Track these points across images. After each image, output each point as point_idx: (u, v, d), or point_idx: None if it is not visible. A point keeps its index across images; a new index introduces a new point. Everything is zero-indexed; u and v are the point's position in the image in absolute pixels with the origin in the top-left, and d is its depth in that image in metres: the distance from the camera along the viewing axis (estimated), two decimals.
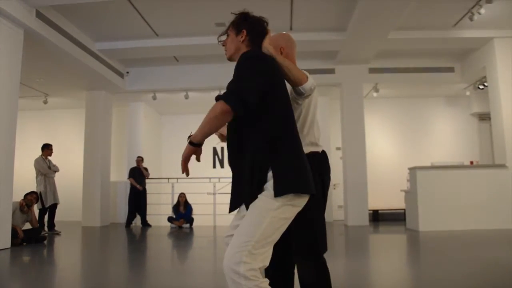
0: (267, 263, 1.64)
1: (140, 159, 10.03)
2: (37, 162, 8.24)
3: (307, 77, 1.96)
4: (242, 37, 1.90)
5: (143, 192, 9.88)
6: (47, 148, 8.49)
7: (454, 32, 8.03)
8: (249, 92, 1.66)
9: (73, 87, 9.90)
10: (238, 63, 1.78)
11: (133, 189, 9.78)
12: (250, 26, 1.90)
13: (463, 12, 7.23)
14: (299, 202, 1.72)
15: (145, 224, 9.77)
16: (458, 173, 7.82)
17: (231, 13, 1.96)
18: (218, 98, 1.67)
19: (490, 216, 7.40)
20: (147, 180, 10.06)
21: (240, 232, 1.66)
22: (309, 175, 1.75)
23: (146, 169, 10.07)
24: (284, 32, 2.29)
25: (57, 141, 11.83)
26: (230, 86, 1.72)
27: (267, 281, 1.61)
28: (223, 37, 1.99)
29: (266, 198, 1.66)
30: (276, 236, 1.68)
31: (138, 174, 9.88)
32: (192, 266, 5.07)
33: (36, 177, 8.20)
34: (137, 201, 9.76)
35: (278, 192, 1.65)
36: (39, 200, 7.70)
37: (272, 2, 6.82)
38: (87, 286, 3.80)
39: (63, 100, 11.18)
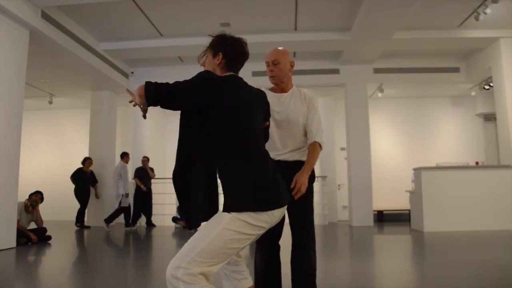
0: (214, 270, 1.64)
1: (146, 159, 10.04)
2: (123, 168, 9.04)
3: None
4: (218, 60, 1.89)
5: (149, 193, 9.89)
6: (126, 156, 9.35)
7: (459, 32, 7.99)
8: (172, 89, 1.66)
9: (78, 87, 9.95)
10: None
11: (138, 189, 9.79)
12: (226, 49, 1.87)
13: (469, 12, 7.19)
14: (254, 220, 1.68)
15: (150, 224, 9.79)
16: (463, 173, 7.76)
17: (208, 35, 1.96)
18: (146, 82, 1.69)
19: (495, 217, 7.34)
20: (151, 180, 10.07)
21: (187, 243, 1.68)
22: (256, 192, 1.72)
23: (152, 169, 10.08)
24: (281, 48, 2.44)
25: (62, 141, 11.94)
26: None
27: (208, 286, 1.60)
28: (204, 59, 1.98)
29: (219, 212, 1.73)
30: (230, 251, 1.67)
31: (143, 174, 9.88)
32: None
33: (116, 181, 8.94)
34: (143, 201, 9.76)
35: (223, 208, 1.72)
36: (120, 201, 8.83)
37: (276, 2, 6.81)
38: (91, 285, 3.81)
39: (68, 100, 11.24)
